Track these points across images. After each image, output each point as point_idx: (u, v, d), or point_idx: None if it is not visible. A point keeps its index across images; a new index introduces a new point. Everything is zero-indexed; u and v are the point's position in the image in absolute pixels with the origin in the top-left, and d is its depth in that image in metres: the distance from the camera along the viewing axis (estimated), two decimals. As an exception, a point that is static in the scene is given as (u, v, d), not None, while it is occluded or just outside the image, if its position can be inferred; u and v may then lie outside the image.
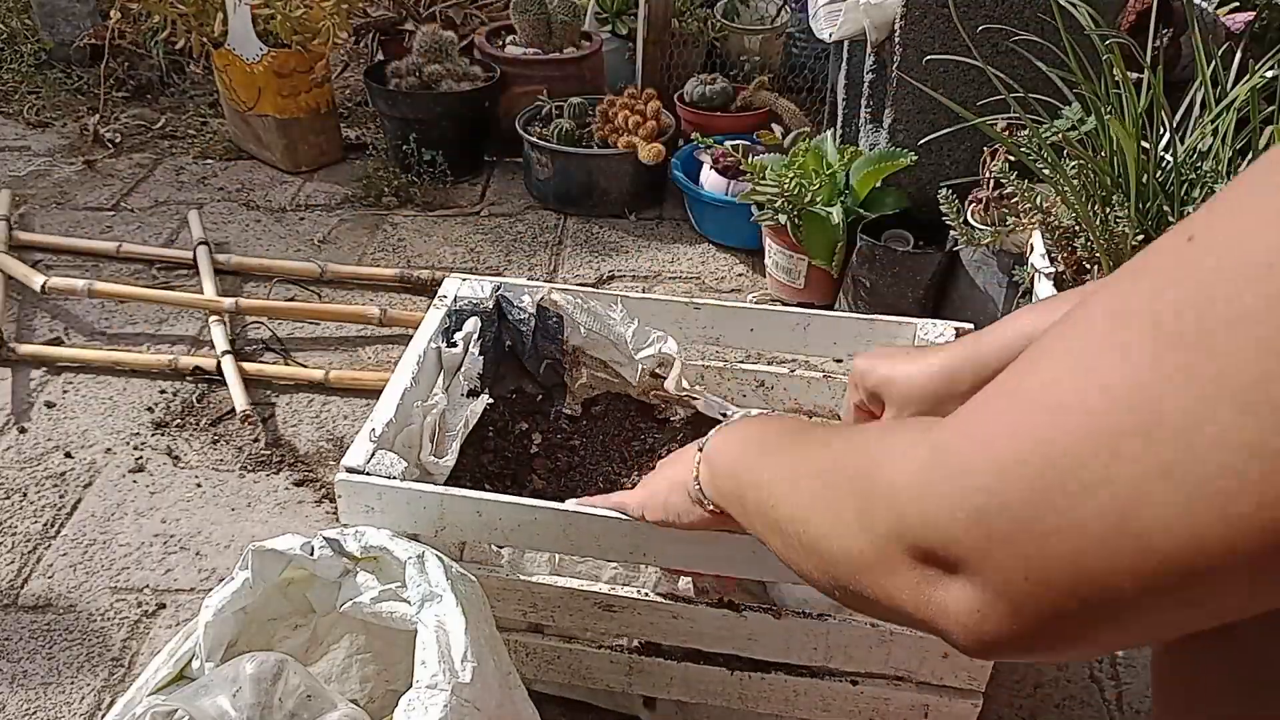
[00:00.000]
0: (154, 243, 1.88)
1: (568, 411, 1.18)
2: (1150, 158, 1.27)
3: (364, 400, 1.49)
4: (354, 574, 0.82)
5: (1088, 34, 1.30)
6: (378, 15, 2.42)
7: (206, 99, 2.47)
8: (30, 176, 2.12)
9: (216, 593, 0.79)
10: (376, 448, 0.90)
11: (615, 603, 0.91)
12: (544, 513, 0.86)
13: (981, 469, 0.38)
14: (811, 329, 1.13)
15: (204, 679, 0.76)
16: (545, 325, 1.13)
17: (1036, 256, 1.35)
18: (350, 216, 2.01)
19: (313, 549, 0.80)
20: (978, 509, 0.38)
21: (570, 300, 1.12)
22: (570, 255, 1.89)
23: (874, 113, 1.72)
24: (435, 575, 0.78)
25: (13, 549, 1.22)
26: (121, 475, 1.34)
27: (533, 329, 1.13)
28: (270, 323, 1.66)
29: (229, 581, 0.80)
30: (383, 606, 0.79)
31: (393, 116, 2.11)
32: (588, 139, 2.02)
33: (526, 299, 1.12)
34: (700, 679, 0.95)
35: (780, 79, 2.35)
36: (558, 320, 1.13)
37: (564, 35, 2.23)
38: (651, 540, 0.85)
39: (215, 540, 1.24)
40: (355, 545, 0.82)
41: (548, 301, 1.12)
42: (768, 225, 1.67)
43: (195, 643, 0.79)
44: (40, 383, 1.50)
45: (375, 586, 0.80)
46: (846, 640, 0.90)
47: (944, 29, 1.53)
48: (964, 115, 1.36)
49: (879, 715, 0.95)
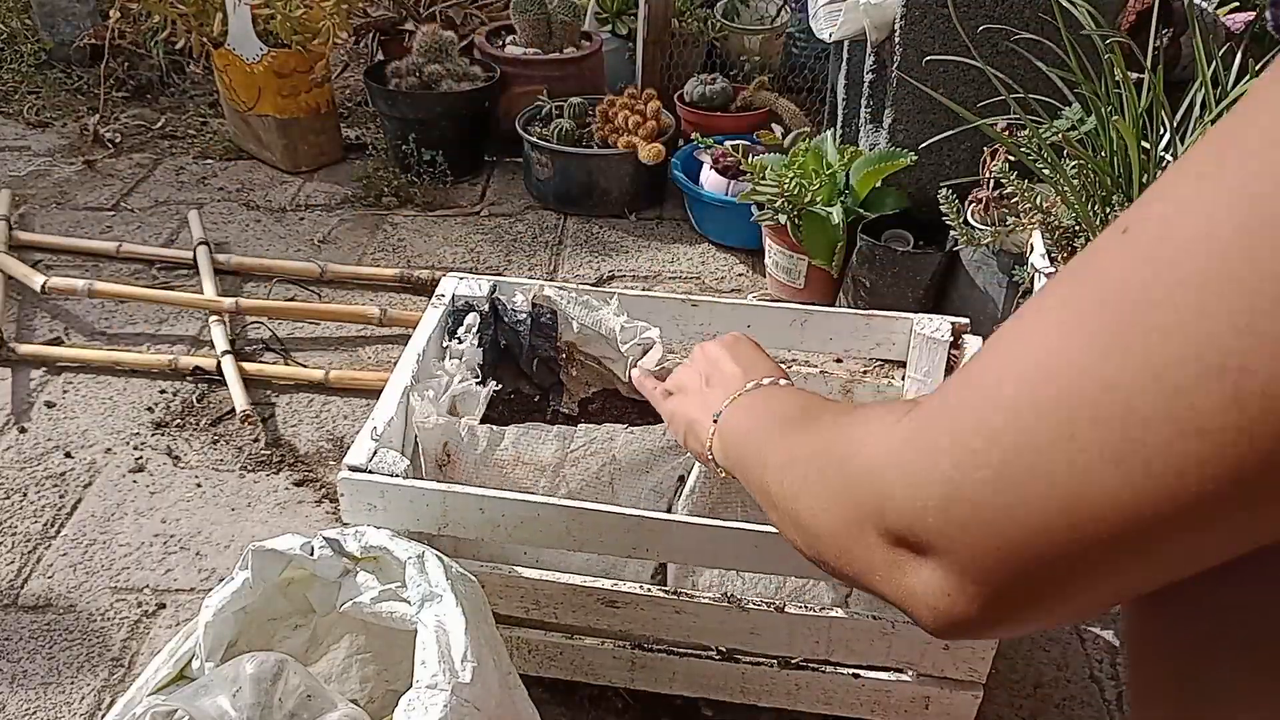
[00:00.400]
0: (154, 243, 1.88)
1: (564, 410, 1.18)
2: (1150, 158, 1.27)
3: (364, 400, 1.49)
4: (354, 574, 0.82)
5: (1088, 34, 1.30)
6: (378, 15, 2.42)
7: (206, 99, 2.47)
8: (30, 176, 2.12)
9: (216, 592, 0.79)
10: (378, 446, 0.90)
11: (618, 598, 0.91)
12: (547, 509, 0.86)
13: (946, 456, 0.40)
14: (808, 325, 1.13)
15: (204, 679, 0.76)
16: (539, 322, 1.13)
17: (1036, 256, 1.35)
18: (350, 216, 2.01)
19: (313, 549, 0.80)
20: (943, 496, 0.40)
21: (564, 295, 1.12)
22: (570, 255, 1.89)
23: (874, 113, 1.72)
24: (435, 575, 0.78)
25: (13, 549, 1.22)
26: (121, 475, 1.33)
27: (528, 328, 1.13)
28: (270, 323, 1.66)
29: (229, 581, 0.80)
30: (383, 606, 0.79)
31: (393, 116, 2.11)
32: (588, 139, 2.02)
33: (520, 298, 1.12)
34: (702, 673, 0.95)
35: (780, 79, 2.35)
36: (551, 316, 1.13)
37: (564, 35, 2.23)
38: (654, 536, 0.86)
39: (215, 540, 1.24)
40: (355, 545, 0.82)
41: (541, 298, 1.12)
42: (768, 225, 1.67)
43: (195, 643, 0.79)
44: (40, 383, 1.50)
45: (375, 586, 0.80)
46: (848, 634, 0.91)
47: (944, 29, 1.53)
48: (964, 115, 1.36)
49: (880, 707, 0.95)
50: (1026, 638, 1.13)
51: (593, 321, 1.12)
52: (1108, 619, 1.16)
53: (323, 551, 0.80)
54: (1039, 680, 1.09)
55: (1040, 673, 1.09)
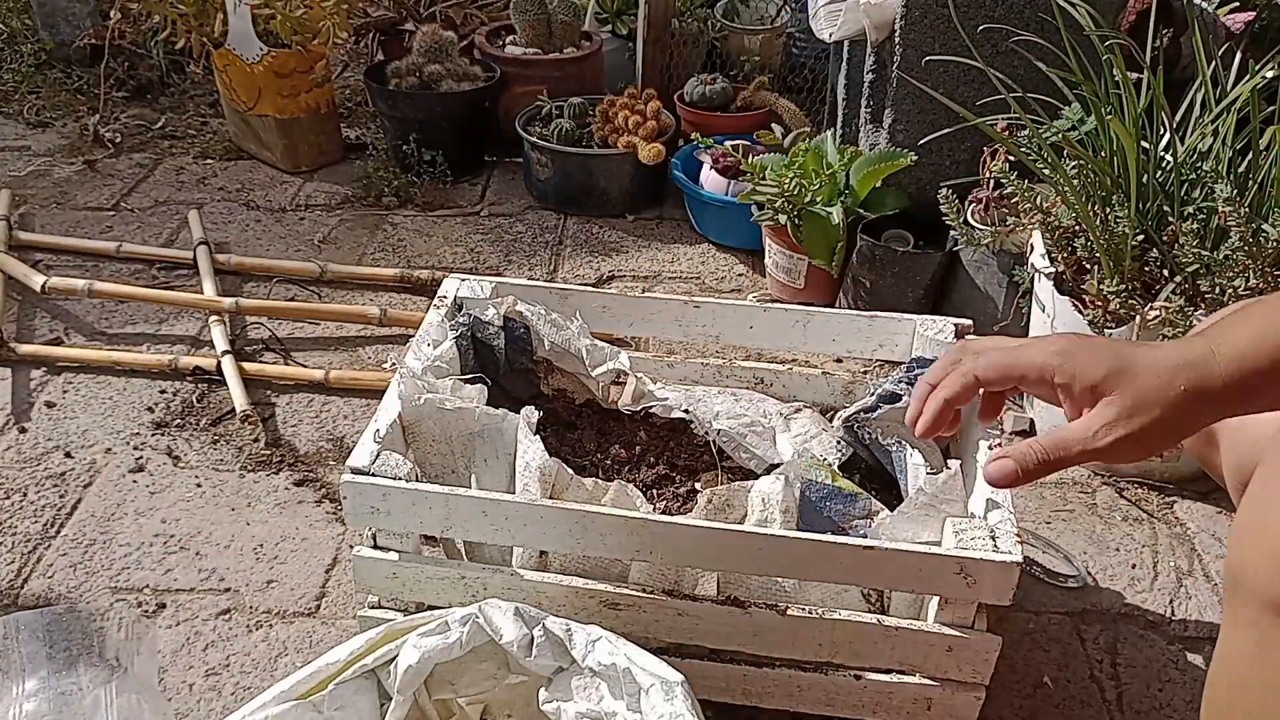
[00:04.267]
0: (154, 243, 1.88)
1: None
2: (1150, 158, 1.27)
3: (364, 400, 1.49)
4: (570, 673, 0.79)
5: (1088, 34, 1.30)
6: (378, 15, 2.42)
7: (206, 99, 2.47)
8: (30, 176, 2.12)
9: (426, 638, 0.78)
10: (381, 448, 0.90)
11: (620, 600, 0.91)
12: (550, 512, 0.86)
13: None
14: (811, 326, 1.13)
15: None
16: (514, 336, 1.13)
17: (1036, 256, 1.35)
18: (350, 216, 2.01)
19: (531, 641, 0.78)
20: None
21: (533, 312, 1.12)
22: (570, 255, 1.89)
23: (874, 113, 1.73)
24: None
25: (13, 549, 1.22)
26: (121, 475, 1.33)
27: (504, 341, 1.13)
28: (270, 323, 1.66)
29: (442, 629, 0.78)
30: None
31: (393, 116, 2.11)
32: (588, 139, 2.02)
33: (491, 311, 1.12)
34: (704, 674, 0.95)
35: (780, 79, 2.35)
36: (525, 330, 1.13)
37: (564, 35, 2.23)
38: (657, 539, 0.86)
39: (215, 540, 1.24)
40: (582, 650, 0.78)
41: (513, 313, 1.12)
42: (768, 225, 1.67)
43: (358, 667, 0.78)
44: (40, 383, 1.50)
45: (590, 699, 0.77)
46: (851, 636, 0.91)
47: (944, 29, 1.53)
48: (964, 115, 1.37)
49: (882, 709, 0.95)
50: (1026, 638, 1.13)
51: (562, 340, 1.12)
52: (1106, 619, 1.16)
53: (540, 649, 0.78)
54: (1039, 680, 1.09)
55: (1040, 673, 1.10)
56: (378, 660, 0.78)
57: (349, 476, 0.87)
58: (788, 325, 1.14)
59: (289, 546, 1.23)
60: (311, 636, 1.11)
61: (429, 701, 0.83)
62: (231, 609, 1.14)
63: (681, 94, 2.13)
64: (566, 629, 0.78)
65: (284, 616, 1.13)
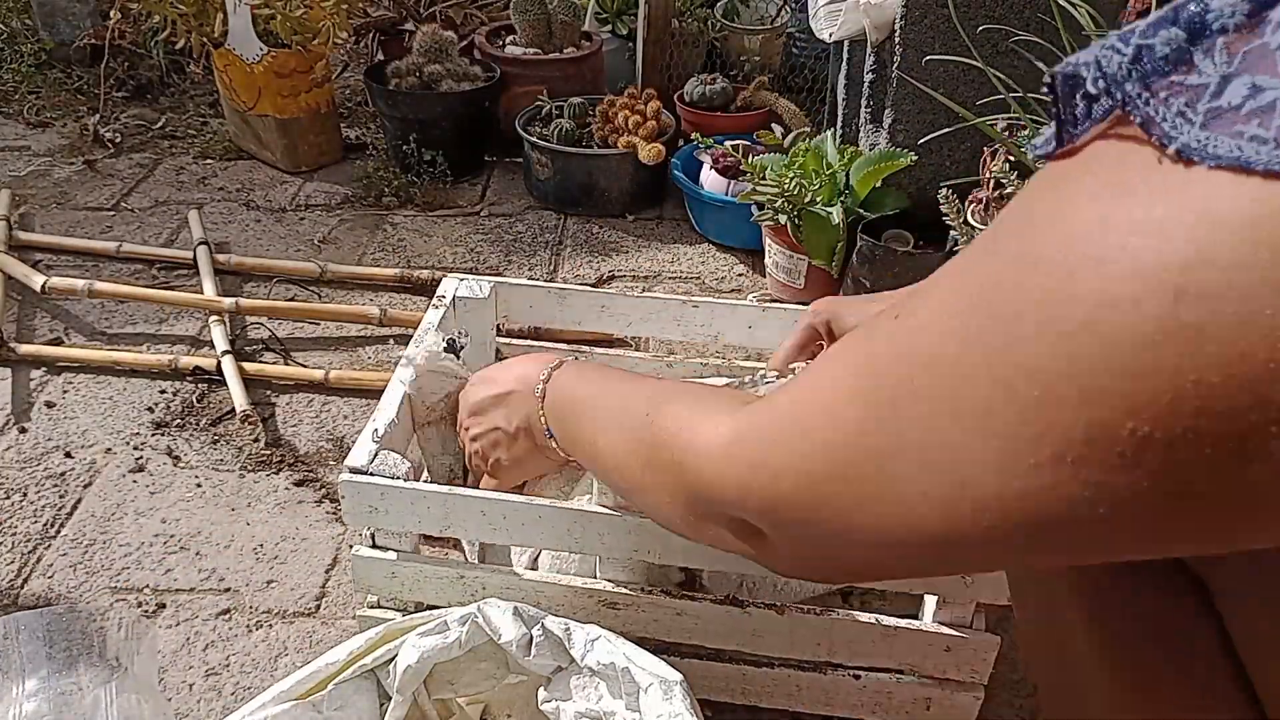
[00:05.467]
0: (154, 243, 1.88)
1: None
2: (1150, 157, 1.27)
3: (364, 400, 1.49)
4: (569, 672, 0.79)
5: (1087, 34, 1.30)
6: (378, 15, 2.42)
7: (206, 99, 2.47)
8: (30, 176, 2.12)
9: (425, 638, 0.78)
10: (379, 448, 0.90)
11: (619, 600, 0.91)
12: (549, 511, 0.86)
13: (766, 466, 0.48)
14: (812, 328, 1.13)
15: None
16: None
17: (1037, 256, 1.35)
18: (350, 216, 2.01)
19: (530, 641, 0.77)
20: (765, 500, 0.48)
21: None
22: (570, 255, 1.89)
23: (874, 113, 1.73)
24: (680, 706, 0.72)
25: (13, 549, 1.22)
26: (121, 475, 1.33)
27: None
28: (270, 323, 1.66)
29: (441, 629, 0.78)
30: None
31: (393, 116, 2.11)
32: (588, 139, 2.02)
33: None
34: (704, 674, 0.95)
35: (780, 79, 2.35)
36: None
37: (564, 35, 2.23)
38: (655, 539, 0.86)
39: (215, 540, 1.24)
40: (581, 650, 0.77)
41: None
42: (768, 225, 1.67)
43: (355, 668, 0.78)
44: (40, 383, 1.50)
45: (589, 698, 0.77)
46: (850, 635, 0.91)
47: (944, 29, 1.53)
48: (964, 115, 1.37)
49: (881, 708, 0.95)
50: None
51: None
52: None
53: (539, 648, 0.77)
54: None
55: (1041, 673, 1.09)
56: (377, 660, 0.78)
57: (347, 476, 0.87)
58: (788, 325, 1.13)
59: (289, 546, 1.23)
60: (311, 636, 1.11)
61: (428, 701, 0.83)
62: (231, 609, 1.14)
63: (681, 94, 2.13)
64: (565, 628, 0.78)
65: (284, 616, 1.14)
